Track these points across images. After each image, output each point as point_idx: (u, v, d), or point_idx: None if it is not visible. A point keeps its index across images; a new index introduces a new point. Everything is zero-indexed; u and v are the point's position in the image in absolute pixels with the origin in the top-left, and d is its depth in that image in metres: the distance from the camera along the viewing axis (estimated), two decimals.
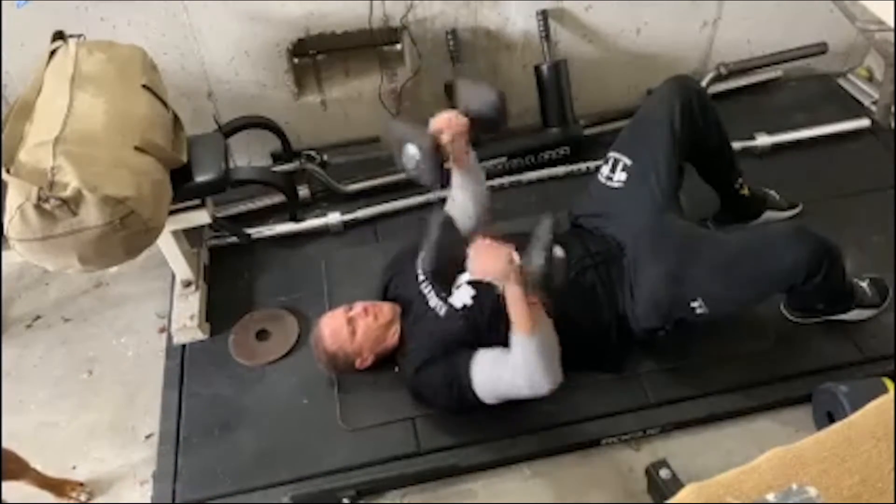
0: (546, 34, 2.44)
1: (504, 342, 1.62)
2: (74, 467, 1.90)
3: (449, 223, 1.61)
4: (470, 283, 1.80)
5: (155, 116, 1.82)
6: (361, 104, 2.54)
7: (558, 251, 1.48)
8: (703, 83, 2.56)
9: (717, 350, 1.92)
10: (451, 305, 1.78)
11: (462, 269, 1.57)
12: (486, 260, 1.52)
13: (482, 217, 1.89)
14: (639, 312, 1.78)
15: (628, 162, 1.91)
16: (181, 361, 2.05)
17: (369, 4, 2.31)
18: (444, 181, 1.73)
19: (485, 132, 1.77)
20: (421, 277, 1.86)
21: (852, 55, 2.81)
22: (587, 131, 2.56)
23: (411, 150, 1.68)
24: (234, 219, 2.41)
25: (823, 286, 1.67)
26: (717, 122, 1.98)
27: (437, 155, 1.67)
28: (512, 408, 1.82)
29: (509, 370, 1.62)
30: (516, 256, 1.50)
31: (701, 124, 1.92)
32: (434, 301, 1.81)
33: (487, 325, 1.71)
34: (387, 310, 1.85)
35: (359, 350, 1.81)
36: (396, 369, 1.85)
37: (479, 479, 1.79)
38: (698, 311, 1.70)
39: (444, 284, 1.72)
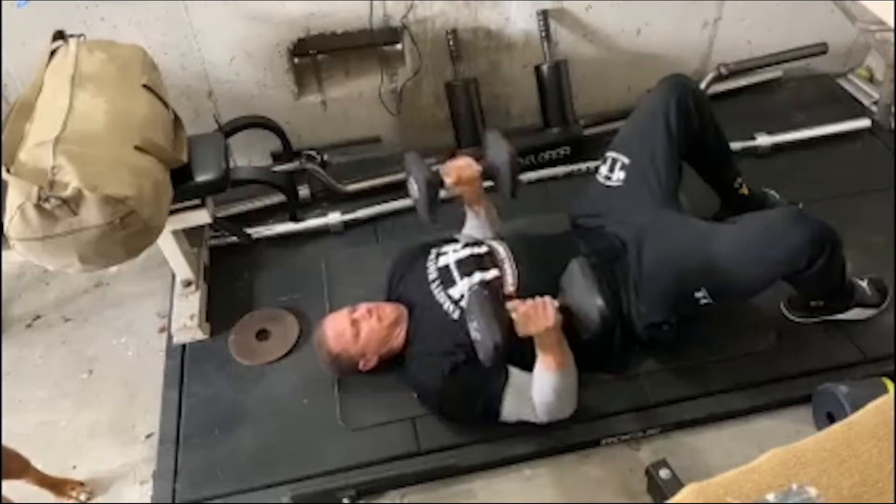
0: (546, 34, 2.44)
1: (516, 345, 1.62)
2: (74, 467, 1.90)
3: (490, 297, 1.63)
4: (480, 283, 1.79)
5: (155, 116, 1.82)
6: (361, 104, 2.55)
7: (599, 301, 1.55)
8: (704, 83, 2.56)
9: (717, 350, 1.92)
10: (463, 309, 1.78)
11: (512, 334, 1.59)
12: (534, 320, 1.58)
13: None
14: (644, 307, 1.78)
15: (626, 161, 1.91)
16: (181, 361, 2.05)
17: (369, 4, 2.31)
18: (435, 218, 1.84)
19: (496, 184, 1.88)
20: (432, 276, 1.85)
21: (852, 55, 2.81)
22: (587, 131, 2.56)
23: (412, 185, 1.85)
24: (234, 219, 2.41)
25: (826, 273, 1.67)
26: (713, 120, 1.98)
27: (433, 193, 1.80)
28: None
29: (536, 401, 1.69)
30: (557, 311, 1.58)
31: (697, 122, 1.92)
32: (447, 304, 1.80)
33: None
34: (390, 311, 1.84)
35: (362, 352, 1.81)
36: (402, 363, 1.84)
37: (479, 479, 1.79)
38: (702, 301, 1.69)
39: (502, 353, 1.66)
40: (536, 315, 1.57)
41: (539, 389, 1.67)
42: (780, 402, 1.86)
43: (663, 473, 1.65)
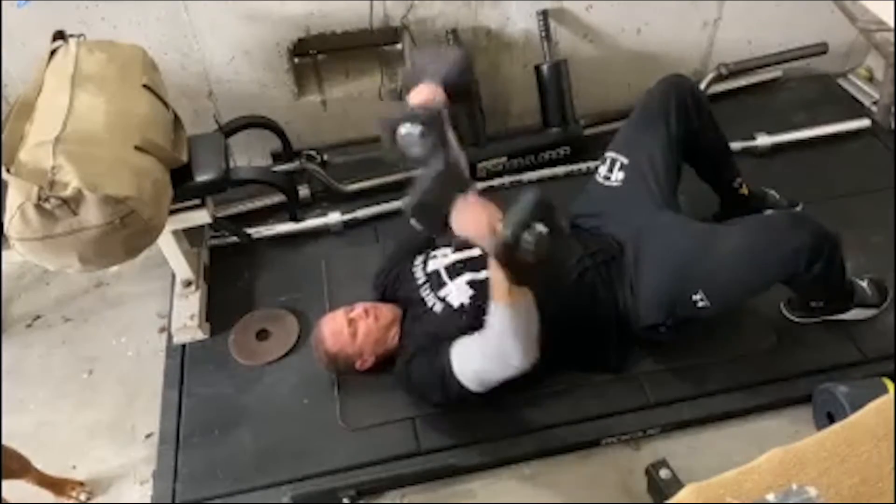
0: (546, 34, 2.44)
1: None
2: (74, 467, 1.90)
3: (455, 168, 1.52)
4: (468, 282, 1.80)
5: (155, 116, 1.82)
6: (361, 104, 2.54)
7: (539, 227, 1.38)
8: (704, 83, 2.56)
9: (717, 350, 1.92)
10: (448, 304, 1.78)
11: (447, 218, 1.48)
12: (470, 217, 1.47)
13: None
14: (641, 309, 1.78)
15: (625, 161, 1.91)
16: (181, 361, 2.05)
17: (370, 4, 2.31)
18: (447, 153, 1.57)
19: (458, 96, 1.66)
20: (420, 281, 1.85)
21: (852, 55, 2.81)
22: (587, 131, 2.56)
23: (406, 129, 1.52)
24: (234, 219, 2.41)
25: (824, 276, 1.66)
26: (712, 120, 1.98)
27: (440, 123, 1.53)
28: (512, 408, 1.83)
29: (482, 343, 1.60)
30: (500, 222, 1.43)
31: (696, 122, 1.92)
32: (431, 300, 1.81)
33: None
34: (387, 311, 1.84)
35: (360, 351, 1.81)
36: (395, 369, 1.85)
37: (479, 479, 1.79)
38: (700, 304, 1.69)
39: (428, 222, 1.54)
40: (470, 214, 1.46)
41: (487, 325, 1.58)
42: (780, 402, 1.86)
43: (663, 473, 1.65)
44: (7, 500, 1.67)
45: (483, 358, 1.62)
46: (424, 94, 1.61)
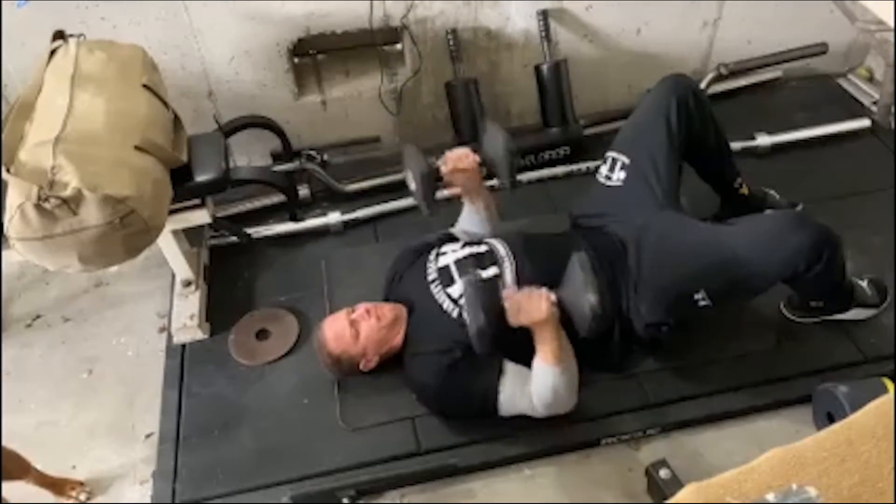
0: (546, 34, 2.44)
1: (518, 342, 1.63)
2: (74, 467, 1.90)
3: (488, 288, 1.64)
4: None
5: (155, 116, 1.82)
6: (361, 104, 2.55)
7: (592, 297, 1.54)
8: (704, 83, 2.57)
9: (718, 350, 1.92)
10: (456, 304, 1.78)
11: (508, 326, 1.60)
12: (528, 309, 1.59)
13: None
14: (643, 308, 1.78)
15: (627, 161, 1.92)
16: (181, 361, 2.05)
17: (369, 4, 2.31)
18: (433, 210, 1.86)
19: (494, 174, 1.88)
20: (431, 277, 1.85)
21: (852, 55, 2.81)
22: (587, 131, 2.57)
23: (409, 177, 1.86)
24: (234, 219, 2.41)
25: (825, 276, 1.67)
26: (713, 120, 1.98)
27: (429, 184, 1.83)
28: None
29: (534, 395, 1.67)
30: (553, 297, 1.59)
31: (697, 122, 1.93)
32: (447, 303, 1.80)
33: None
34: (389, 311, 1.84)
35: (363, 352, 1.81)
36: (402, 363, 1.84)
37: (479, 479, 1.79)
38: (701, 303, 1.69)
39: (491, 347, 1.67)
40: (529, 305, 1.58)
41: (536, 383, 1.67)
42: (780, 402, 1.85)
43: (663, 473, 1.65)
44: (7, 500, 1.67)
45: (534, 409, 1.70)
46: (459, 154, 1.85)
